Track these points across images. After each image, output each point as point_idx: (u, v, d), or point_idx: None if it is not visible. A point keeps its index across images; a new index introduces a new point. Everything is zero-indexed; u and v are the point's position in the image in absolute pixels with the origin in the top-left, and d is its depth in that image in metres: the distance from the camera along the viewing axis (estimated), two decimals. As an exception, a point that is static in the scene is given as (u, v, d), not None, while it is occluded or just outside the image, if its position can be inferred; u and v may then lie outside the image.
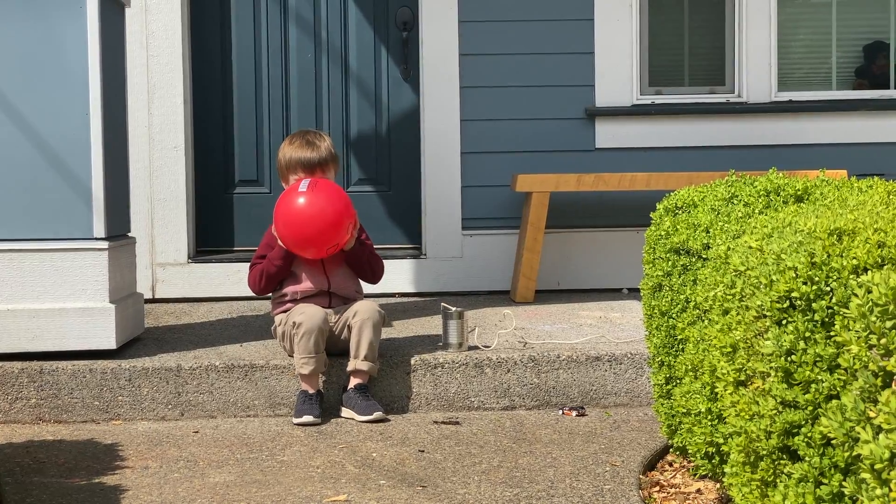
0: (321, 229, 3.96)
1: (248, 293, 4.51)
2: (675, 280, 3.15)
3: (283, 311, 4.12)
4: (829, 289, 2.00)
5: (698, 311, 2.89)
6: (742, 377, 2.25)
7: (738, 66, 5.92)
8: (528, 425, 3.84)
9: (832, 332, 1.94)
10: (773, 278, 2.10)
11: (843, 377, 1.88)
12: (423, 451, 3.51)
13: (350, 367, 3.96)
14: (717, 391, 2.50)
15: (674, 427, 3.16)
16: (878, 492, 1.61)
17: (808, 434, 1.96)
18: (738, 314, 2.32)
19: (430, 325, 4.74)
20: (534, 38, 5.79)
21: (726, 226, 2.92)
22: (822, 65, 6.16)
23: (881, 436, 1.60)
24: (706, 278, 2.78)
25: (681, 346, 3.10)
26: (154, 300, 5.63)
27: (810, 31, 6.15)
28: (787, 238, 2.27)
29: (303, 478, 3.24)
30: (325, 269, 4.14)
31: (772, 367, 2.05)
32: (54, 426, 3.93)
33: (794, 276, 2.05)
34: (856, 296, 1.81)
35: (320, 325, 3.92)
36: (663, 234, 3.30)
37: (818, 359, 1.96)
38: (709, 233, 3.00)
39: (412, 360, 4.07)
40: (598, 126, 5.82)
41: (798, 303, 2.03)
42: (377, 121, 5.99)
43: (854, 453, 1.77)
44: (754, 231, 2.57)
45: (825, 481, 1.90)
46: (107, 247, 4.14)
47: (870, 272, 1.83)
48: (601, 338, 4.37)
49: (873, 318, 1.74)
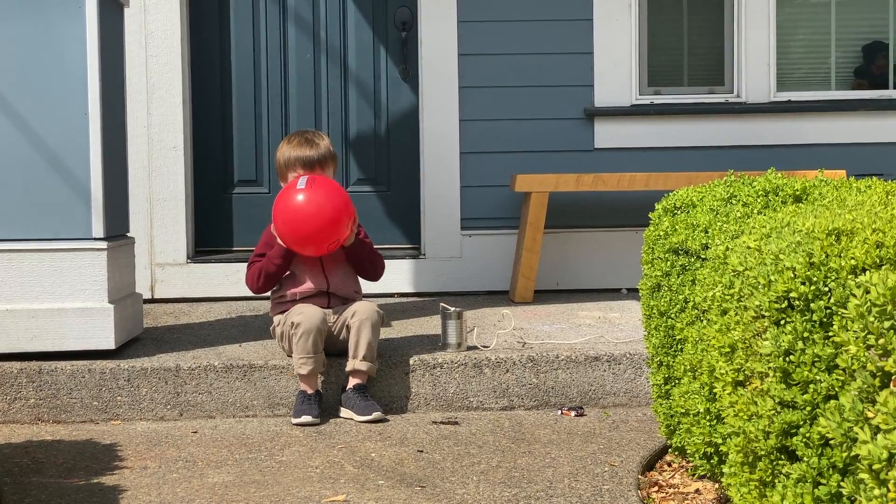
0: (320, 226, 3.94)
1: (247, 293, 4.51)
2: (673, 280, 3.15)
3: (282, 311, 4.12)
4: (827, 289, 2.00)
5: (697, 311, 2.89)
6: (740, 377, 2.25)
7: (737, 66, 5.92)
8: (526, 425, 3.84)
9: (830, 333, 1.94)
10: (772, 278, 2.10)
11: (841, 377, 1.88)
12: (421, 452, 3.51)
13: (349, 367, 3.95)
14: (715, 391, 2.50)
15: (672, 427, 3.16)
16: (877, 492, 1.61)
17: (807, 434, 1.96)
18: (736, 314, 2.32)
19: (428, 326, 4.74)
20: (533, 38, 5.78)
21: (725, 226, 2.92)
22: (821, 65, 6.16)
23: (879, 436, 1.60)
24: (705, 278, 2.77)
25: (679, 347, 3.10)
26: (153, 300, 5.63)
27: (809, 31, 6.15)
28: (786, 238, 2.27)
29: (301, 478, 3.24)
30: (323, 269, 4.14)
31: (770, 368, 2.05)
32: (53, 426, 3.93)
33: (792, 276, 2.06)
34: (854, 296, 1.81)
35: (319, 325, 3.92)
36: (662, 234, 3.30)
37: (816, 359, 1.96)
38: (707, 233, 3.00)
39: (411, 361, 4.07)
40: (597, 126, 5.83)
41: (796, 303, 2.03)
42: (376, 121, 5.99)
43: (852, 453, 1.77)
44: (753, 231, 2.57)
45: (823, 481, 1.90)
46: (106, 247, 4.14)
47: (868, 272, 1.83)
48: (600, 338, 4.37)
49: (871, 319, 1.74)
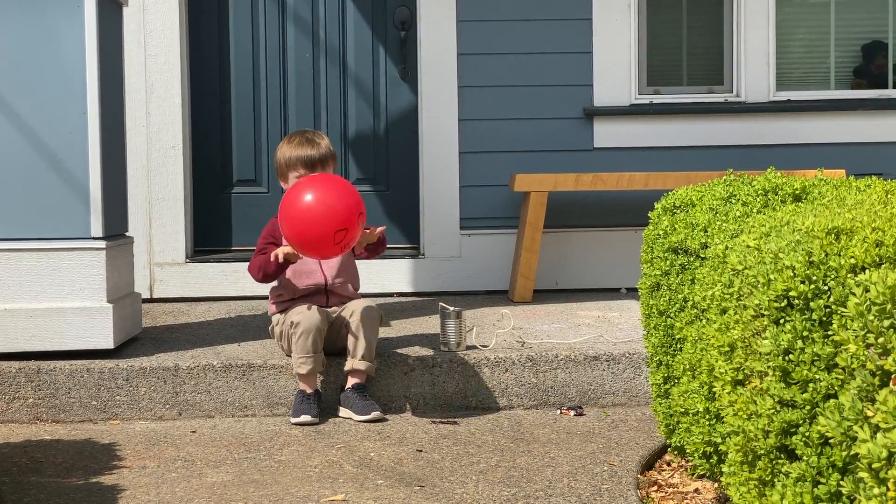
0: (328, 232, 3.67)
1: (246, 293, 4.52)
2: (673, 279, 3.15)
3: (281, 310, 4.11)
4: (826, 288, 2.00)
5: (696, 310, 2.88)
6: (740, 376, 2.25)
7: (737, 66, 5.92)
8: (525, 425, 3.84)
9: (830, 332, 1.93)
10: (771, 277, 2.10)
11: (840, 376, 1.87)
12: (420, 451, 3.50)
13: (348, 366, 3.95)
14: (714, 391, 2.50)
15: (672, 426, 3.15)
16: (876, 491, 1.61)
17: (806, 433, 1.96)
18: (735, 313, 2.32)
19: (428, 325, 4.73)
20: (532, 37, 5.78)
21: (724, 225, 2.92)
22: (820, 64, 6.16)
23: (879, 435, 1.60)
24: (704, 277, 2.77)
25: (679, 346, 3.10)
26: (152, 300, 5.62)
27: (809, 31, 6.15)
28: (785, 237, 2.27)
29: (300, 477, 3.24)
30: (323, 269, 4.14)
31: (769, 367, 2.05)
32: (52, 426, 3.93)
33: (791, 275, 2.05)
34: (853, 295, 1.80)
35: (318, 324, 3.92)
36: (661, 233, 3.30)
37: (816, 358, 1.96)
38: (707, 232, 3.00)
39: (410, 360, 4.07)
40: (596, 126, 5.82)
41: (796, 302, 2.03)
42: (375, 120, 5.99)
43: (852, 452, 1.77)
44: (752, 230, 2.57)
45: (823, 480, 1.90)
46: (104, 246, 4.13)
47: (867, 271, 1.83)
48: (599, 337, 4.37)
49: (871, 317, 1.74)
